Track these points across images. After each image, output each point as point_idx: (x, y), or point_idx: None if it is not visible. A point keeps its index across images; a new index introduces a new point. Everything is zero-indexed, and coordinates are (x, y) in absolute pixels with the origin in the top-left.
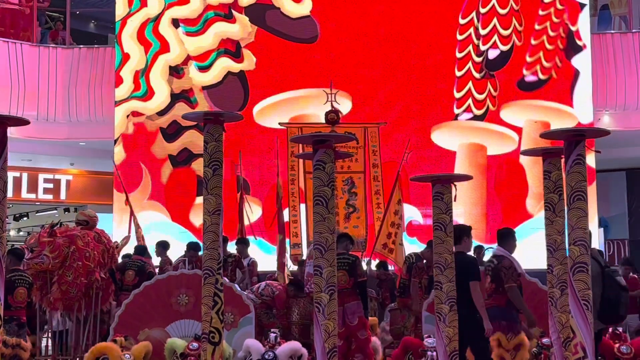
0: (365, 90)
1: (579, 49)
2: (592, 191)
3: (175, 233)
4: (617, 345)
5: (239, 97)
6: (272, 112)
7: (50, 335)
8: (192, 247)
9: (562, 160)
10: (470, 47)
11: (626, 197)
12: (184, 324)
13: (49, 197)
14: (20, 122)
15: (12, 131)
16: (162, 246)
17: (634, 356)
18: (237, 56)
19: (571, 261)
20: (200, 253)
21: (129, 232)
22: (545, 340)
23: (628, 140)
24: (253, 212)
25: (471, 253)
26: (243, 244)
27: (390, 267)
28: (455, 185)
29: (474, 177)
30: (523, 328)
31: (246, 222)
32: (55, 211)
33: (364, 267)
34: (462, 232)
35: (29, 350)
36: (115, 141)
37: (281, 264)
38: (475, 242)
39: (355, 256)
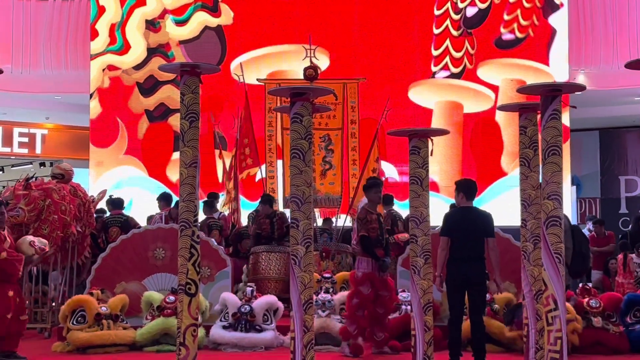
0: (344, 47)
1: (556, 8)
2: (565, 150)
3: (152, 188)
4: (586, 299)
5: (216, 52)
6: (250, 67)
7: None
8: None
9: (538, 116)
10: (449, 5)
11: (599, 157)
12: (160, 278)
13: (24, 151)
14: None
15: None
16: (165, 199)
17: (603, 309)
18: (214, 10)
19: (545, 215)
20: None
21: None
22: None
23: (602, 100)
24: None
25: None
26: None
27: None
28: (432, 140)
29: (450, 134)
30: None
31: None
32: (30, 165)
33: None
34: (474, 187)
35: None
36: (91, 95)
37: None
38: (449, 200)
39: None
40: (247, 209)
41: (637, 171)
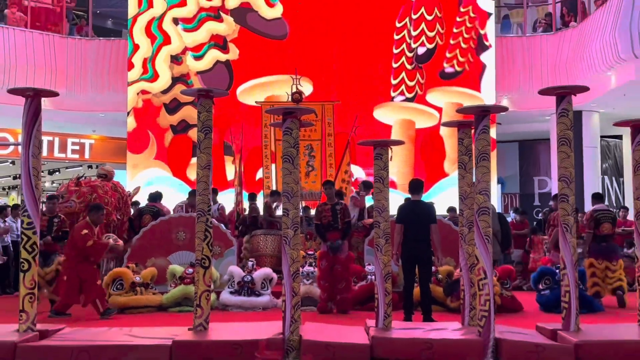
0: (323, 77)
1: (486, 48)
2: (492, 156)
3: (176, 185)
4: None
5: (225, 81)
6: (251, 93)
7: None
8: (192, 194)
9: (472, 131)
10: (404, 45)
11: (518, 162)
12: (182, 255)
13: (76, 156)
14: (51, 94)
15: (48, 104)
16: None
17: (499, 278)
18: (224, 48)
19: (477, 206)
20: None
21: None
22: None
23: (521, 119)
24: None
25: None
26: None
27: None
28: (391, 148)
29: (405, 145)
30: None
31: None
32: (80, 167)
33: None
34: (422, 185)
35: None
36: (128, 113)
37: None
38: (405, 194)
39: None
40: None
41: (547, 173)
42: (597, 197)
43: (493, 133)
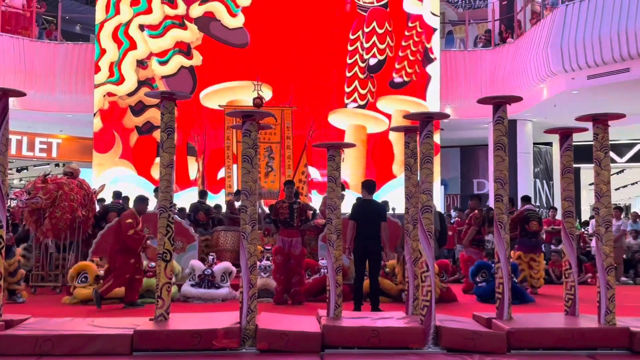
0: (282, 83)
1: (431, 60)
2: (437, 160)
3: (140, 183)
4: None
5: (189, 85)
6: (214, 97)
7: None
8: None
9: (418, 135)
10: (357, 56)
11: (459, 165)
12: None
13: (44, 155)
14: (18, 93)
15: (17, 105)
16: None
17: (437, 272)
18: (188, 54)
19: (420, 205)
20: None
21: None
22: None
23: (462, 126)
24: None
25: None
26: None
27: None
28: (343, 151)
29: (357, 148)
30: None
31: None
32: (48, 166)
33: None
34: (374, 185)
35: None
36: (94, 114)
37: None
38: (357, 194)
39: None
40: (211, 199)
41: (485, 176)
42: (526, 199)
43: (437, 138)
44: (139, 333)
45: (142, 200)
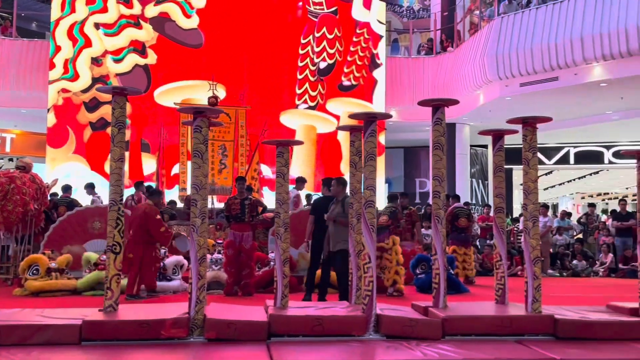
0: (236, 84)
1: (378, 65)
2: (381, 160)
3: (93, 178)
4: None
5: (143, 83)
6: (169, 95)
7: None
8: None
9: (362, 135)
10: (308, 59)
11: (403, 165)
12: (97, 243)
13: None
14: None
15: None
16: (91, 186)
17: None
18: (143, 53)
19: (364, 200)
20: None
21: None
22: None
23: (406, 128)
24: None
25: None
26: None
27: None
28: (292, 148)
29: (307, 147)
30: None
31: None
32: (1, 160)
33: None
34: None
35: None
36: (48, 110)
37: None
38: (307, 191)
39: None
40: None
41: (426, 175)
42: (456, 197)
43: (382, 139)
44: (87, 323)
45: (158, 193)
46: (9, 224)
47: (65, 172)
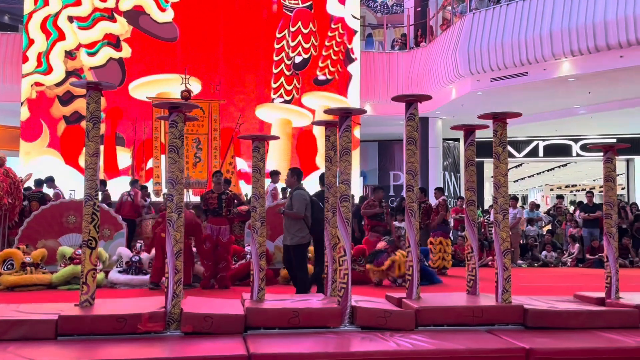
0: (210, 77)
1: (352, 60)
2: (356, 154)
3: (67, 172)
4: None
5: (118, 77)
6: (143, 89)
7: None
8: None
9: (337, 129)
10: (283, 54)
11: (377, 158)
12: (72, 237)
13: None
14: None
15: None
16: (51, 180)
17: (352, 256)
18: (117, 47)
19: (339, 194)
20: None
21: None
22: None
23: (380, 122)
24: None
25: None
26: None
27: None
28: (268, 142)
29: (283, 141)
30: None
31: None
32: None
33: None
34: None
35: None
36: (22, 103)
37: None
38: (282, 184)
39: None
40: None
41: (400, 168)
42: (440, 190)
43: (357, 133)
44: (63, 318)
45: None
46: None
47: (39, 166)
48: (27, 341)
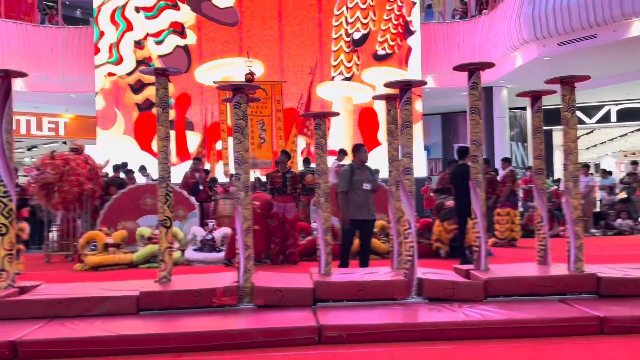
0: (272, 59)
1: (412, 33)
2: (419, 127)
3: (142, 157)
4: None
5: (184, 63)
6: (208, 74)
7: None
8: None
9: (398, 103)
10: (342, 31)
11: (440, 132)
12: (149, 218)
13: (52, 133)
14: (20, 74)
15: (25, 87)
16: (143, 169)
17: (418, 229)
18: (182, 34)
19: (402, 167)
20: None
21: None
22: None
23: (442, 95)
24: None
25: None
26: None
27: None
28: (329, 119)
29: (344, 118)
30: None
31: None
32: (56, 143)
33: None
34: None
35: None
36: (96, 94)
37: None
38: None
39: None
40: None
41: (465, 141)
42: (508, 160)
43: (419, 106)
44: (144, 294)
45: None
46: (66, 204)
47: (116, 152)
48: (111, 316)
